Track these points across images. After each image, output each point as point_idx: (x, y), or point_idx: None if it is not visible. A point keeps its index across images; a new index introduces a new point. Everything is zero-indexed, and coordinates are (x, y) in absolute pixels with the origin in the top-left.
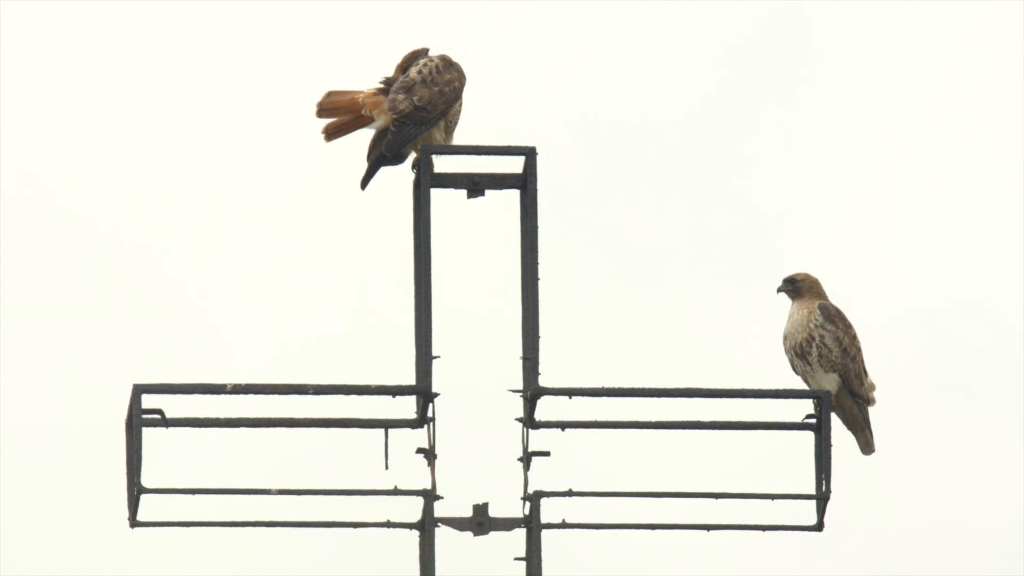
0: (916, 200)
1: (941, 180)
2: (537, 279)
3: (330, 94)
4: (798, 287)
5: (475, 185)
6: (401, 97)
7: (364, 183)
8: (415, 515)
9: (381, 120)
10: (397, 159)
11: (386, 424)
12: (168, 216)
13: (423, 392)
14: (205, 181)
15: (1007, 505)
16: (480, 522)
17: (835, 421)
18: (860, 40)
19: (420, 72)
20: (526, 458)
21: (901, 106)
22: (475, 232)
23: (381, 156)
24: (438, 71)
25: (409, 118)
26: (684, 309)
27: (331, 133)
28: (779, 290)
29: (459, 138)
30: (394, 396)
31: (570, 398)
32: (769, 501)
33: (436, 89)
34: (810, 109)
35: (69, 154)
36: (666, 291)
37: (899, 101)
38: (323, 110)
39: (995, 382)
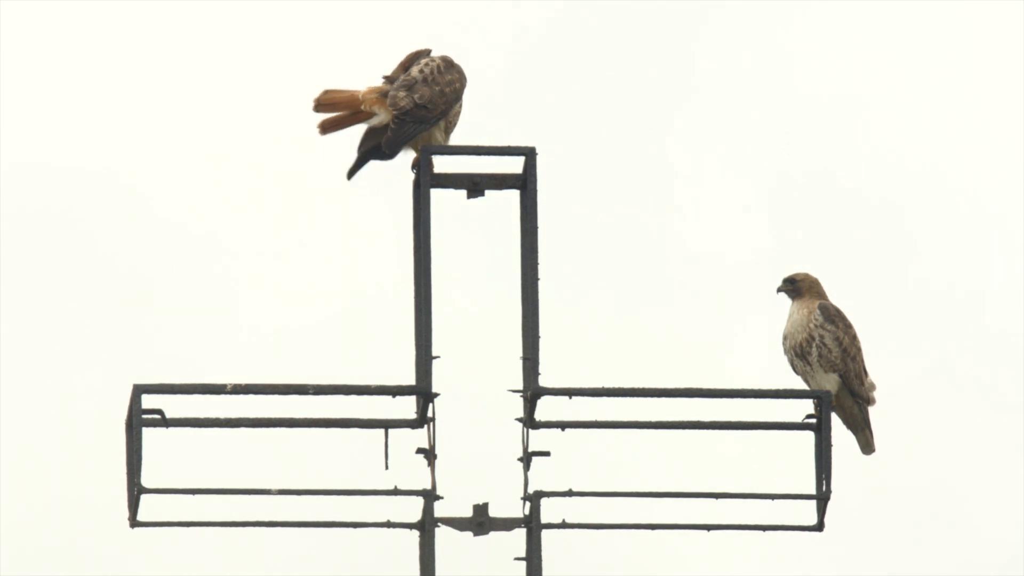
0: (917, 201)
1: (938, 177)
2: (537, 279)
3: (328, 91)
4: (798, 287)
5: (475, 185)
6: (402, 94)
7: (351, 174)
8: (415, 515)
9: (381, 116)
10: (389, 154)
11: (386, 424)
12: (168, 216)
13: (423, 392)
14: (205, 181)
15: (1007, 505)
16: (480, 522)
17: (835, 421)
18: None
19: (422, 71)
20: (526, 458)
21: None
22: (475, 232)
23: (372, 149)
24: (439, 71)
25: (409, 115)
26: (684, 309)
27: (327, 127)
28: (779, 290)
29: (459, 138)
30: (394, 396)
31: (570, 398)
32: (769, 501)
33: (437, 89)
34: (812, 106)
35: (68, 154)
36: (665, 291)
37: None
38: (321, 105)
39: (995, 381)
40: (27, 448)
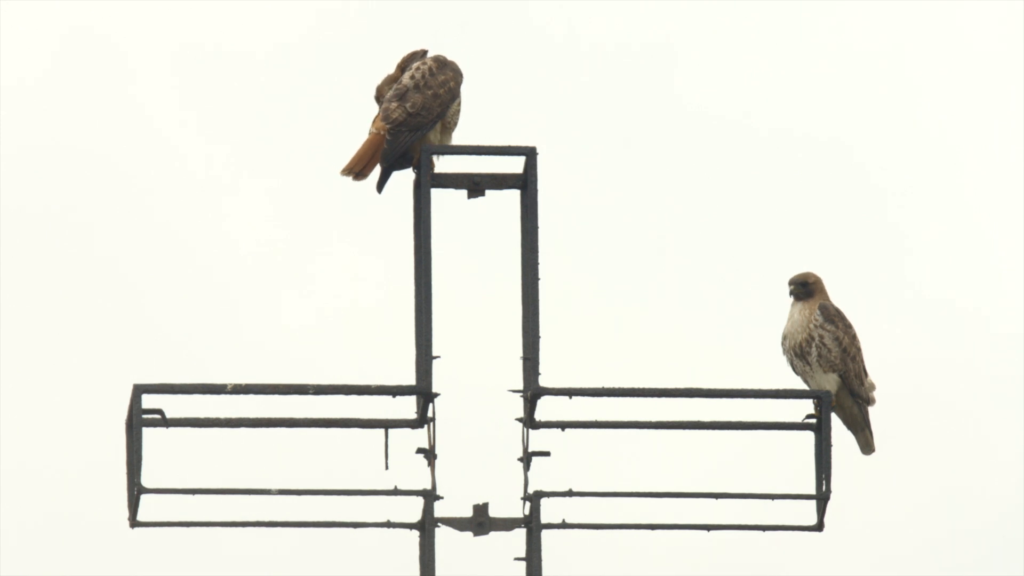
0: (917, 200)
1: (940, 176)
2: (537, 279)
3: (354, 159)
4: (810, 288)
5: (475, 185)
6: (394, 105)
7: (380, 187)
8: (415, 515)
9: None
10: (407, 161)
11: (386, 424)
12: (169, 217)
13: (423, 392)
14: (205, 180)
15: (1006, 504)
16: (480, 522)
17: (835, 421)
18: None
19: (413, 77)
20: (526, 458)
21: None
22: (475, 232)
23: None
24: (431, 74)
25: (404, 125)
26: (684, 309)
27: (360, 172)
28: (792, 293)
29: (459, 138)
30: (394, 396)
31: (570, 398)
32: (769, 501)
33: (430, 93)
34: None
35: (71, 155)
36: (666, 291)
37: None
38: (358, 173)
39: (994, 381)
40: (27, 448)
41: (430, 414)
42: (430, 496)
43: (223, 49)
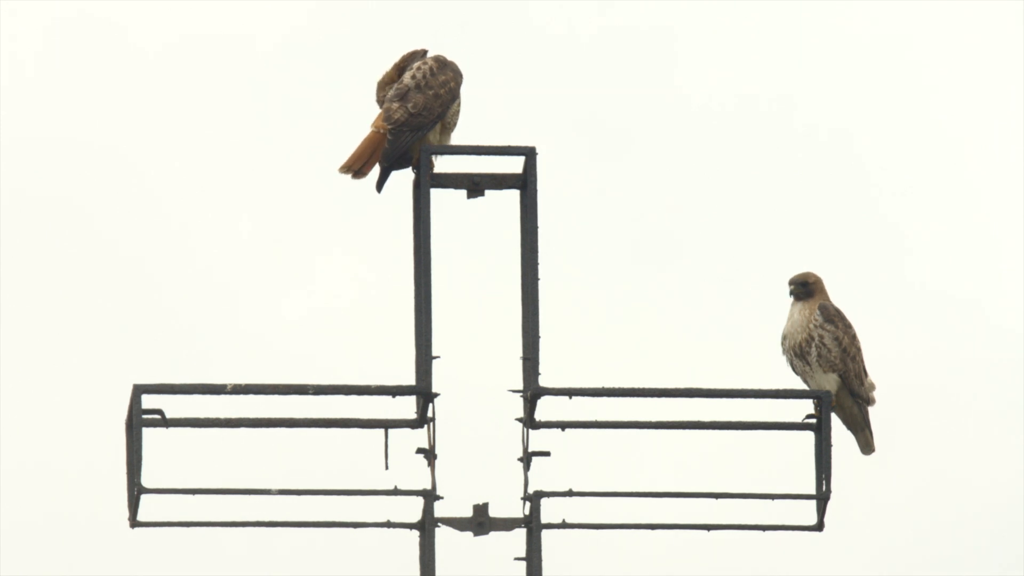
0: (917, 200)
1: (942, 177)
2: (537, 279)
3: (353, 156)
4: (810, 288)
5: (475, 185)
6: (396, 106)
7: (379, 187)
8: (415, 515)
9: None
10: (406, 161)
11: (386, 424)
12: (169, 218)
13: (423, 392)
14: (206, 181)
15: (1006, 504)
16: (480, 522)
17: (835, 421)
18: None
19: (414, 77)
20: (526, 458)
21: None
22: (475, 232)
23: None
24: (432, 74)
25: (405, 125)
26: (684, 309)
27: (359, 171)
28: (792, 293)
29: (459, 138)
30: (394, 396)
31: (570, 398)
32: (769, 501)
33: (431, 93)
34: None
35: (71, 155)
36: (666, 291)
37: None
38: (357, 171)
39: (994, 381)
40: (27, 448)
41: (430, 414)
42: (430, 496)
43: (224, 46)
